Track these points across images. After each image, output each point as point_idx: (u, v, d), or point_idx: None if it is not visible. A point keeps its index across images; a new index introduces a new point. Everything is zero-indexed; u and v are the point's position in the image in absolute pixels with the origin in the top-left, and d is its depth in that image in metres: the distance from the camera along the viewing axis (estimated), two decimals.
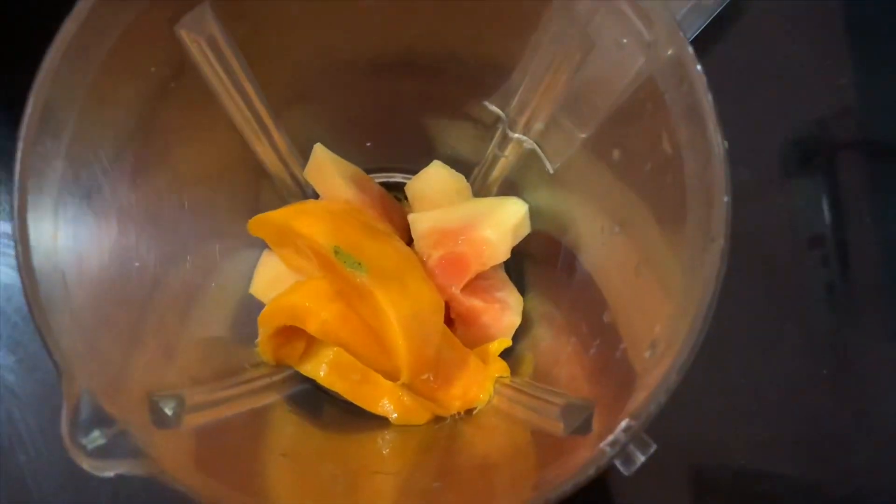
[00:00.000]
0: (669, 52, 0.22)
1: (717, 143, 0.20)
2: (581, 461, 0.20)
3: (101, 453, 0.19)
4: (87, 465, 0.19)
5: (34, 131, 0.22)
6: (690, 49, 0.21)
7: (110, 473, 0.19)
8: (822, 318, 0.41)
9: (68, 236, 0.22)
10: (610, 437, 0.20)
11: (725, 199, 0.20)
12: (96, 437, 0.20)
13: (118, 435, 0.20)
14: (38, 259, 0.21)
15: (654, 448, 0.20)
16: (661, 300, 0.22)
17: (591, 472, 0.20)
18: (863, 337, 0.40)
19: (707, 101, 0.21)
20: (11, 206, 0.21)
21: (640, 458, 0.20)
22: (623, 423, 0.20)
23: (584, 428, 0.23)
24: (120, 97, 0.25)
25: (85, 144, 0.24)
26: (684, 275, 0.21)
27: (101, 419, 0.20)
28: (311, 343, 0.33)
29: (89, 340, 0.22)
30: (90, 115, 0.24)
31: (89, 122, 0.24)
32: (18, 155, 0.21)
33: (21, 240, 0.20)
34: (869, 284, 0.41)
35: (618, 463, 0.20)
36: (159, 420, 0.23)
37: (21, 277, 0.20)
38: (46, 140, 0.22)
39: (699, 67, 0.21)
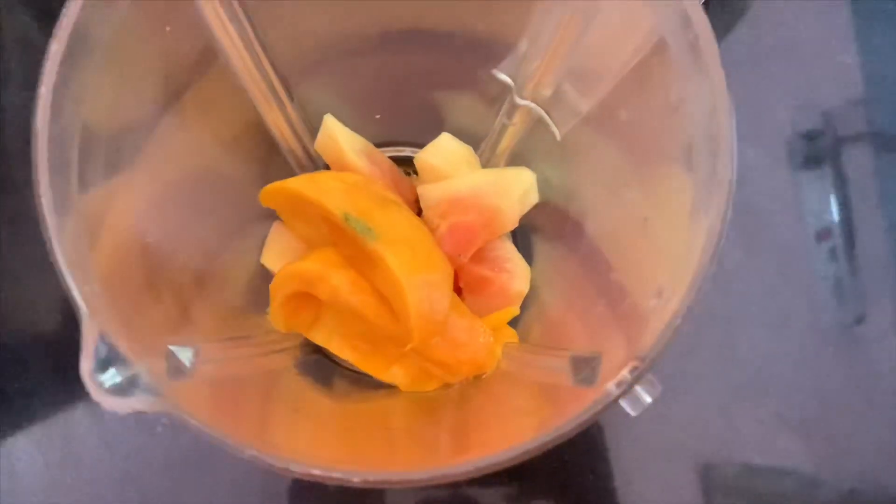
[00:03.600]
0: (677, 8, 0.22)
1: (722, 90, 0.21)
2: (588, 401, 0.20)
3: (118, 391, 0.20)
4: (104, 402, 0.20)
5: (56, 88, 0.22)
6: (699, 3, 0.21)
7: (128, 410, 0.20)
8: (829, 303, 0.41)
9: (88, 191, 0.23)
10: (616, 378, 0.20)
11: (733, 132, 0.20)
12: (113, 375, 0.20)
13: (135, 375, 0.20)
14: (60, 209, 0.21)
15: (660, 389, 0.20)
16: (667, 250, 0.23)
17: (598, 409, 0.20)
18: (871, 329, 0.41)
19: (713, 50, 0.21)
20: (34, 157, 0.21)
21: (647, 400, 0.20)
22: (629, 364, 0.20)
23: (591, 377, 0.23)
24: (137, 63, 0.26)
25: (103, 106, 0.24)
26: (691, 219, 0.21)
27: (118, 359, 0.20)
28: (322, 310, 0.33)
29: (108, 292, 0.23)
30: (108, 79, 0.24)
31: (107, 85, 0.24)
32: (38, 111, 0.22)
33: (43, 192, 0.21)
34: (878, 276, 0.41)
35: (624, 403, 0.21)
36: (175, 369, 0.23)
37: (47, 225, 0.21)
38: (67, 102, 0.22)
39: (706, 18, 0.21)
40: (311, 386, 0.31)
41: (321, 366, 0.34)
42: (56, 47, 0.22)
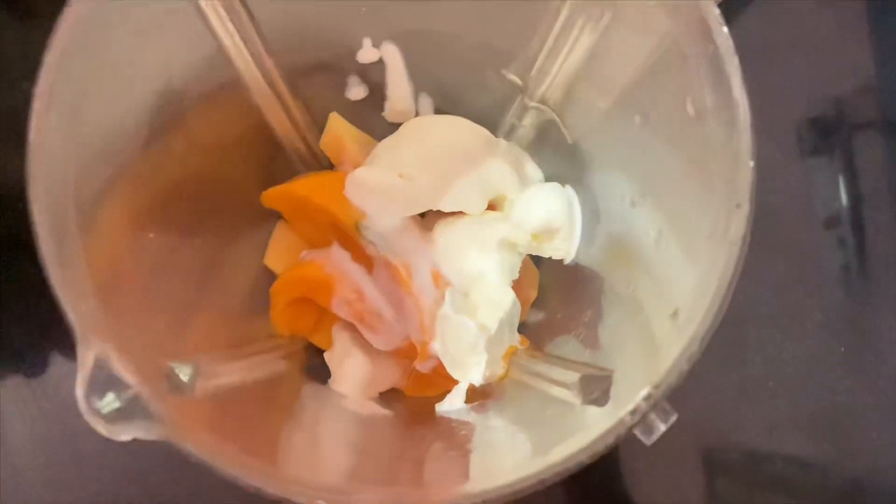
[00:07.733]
0: (694, 14, 0.21)
1: (744, 106, 0.20)
2: (600, 430, 0.20)
3: (117, 417, 0.19)
4: (102, 428, 0.19)
5: (46, 97, 0.21)
6: (717, 10, 0.20)
7: (126, 437, 0.19)
8: (838, 298, 0.40)
9: (84, 201, 0.22)
10: (630, 406, 0.20)
11: (751, 163, 0.20)
12: (111, 401, 0.19)
13: (133, 399, 0.20)
14: (54, 222, 0.21)
15: (674, 417, 0.20)
16: (684, 269, 0.22)
17: (612, 440, 0.19)
18: (880, 318, 0.40)
19: (733, 63, 0.20)
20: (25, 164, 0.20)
21: (661, 427, 0.20)
22: (643, 392, 0.20)
23: (602, 398, 0.23)
24: (134, 61, 0.25)
25: (98, 109, 0.24)
26: (708, 242, 0.20)
27: (116, 383, 0.20)
28: (324, 314, 0.33)
29: (105, 306, 0.22)
30: (103, 81, 0.24)
31: (101, 87, 0.24)
32: (33, 117, 0.21)
33: (35, 199, 0.20)
34: (886, 266, 0.40)
35: (638, 432, 0.20)
36: (174, 386, 0.23)
37: (39, 239, 0.20)
38: (58, 106, 0.22)
39: (725, 29, 0.20)
40: (315, 394, 0.31)
41: (326, 369, 0.34)
42: (51, 58, 0.21)
